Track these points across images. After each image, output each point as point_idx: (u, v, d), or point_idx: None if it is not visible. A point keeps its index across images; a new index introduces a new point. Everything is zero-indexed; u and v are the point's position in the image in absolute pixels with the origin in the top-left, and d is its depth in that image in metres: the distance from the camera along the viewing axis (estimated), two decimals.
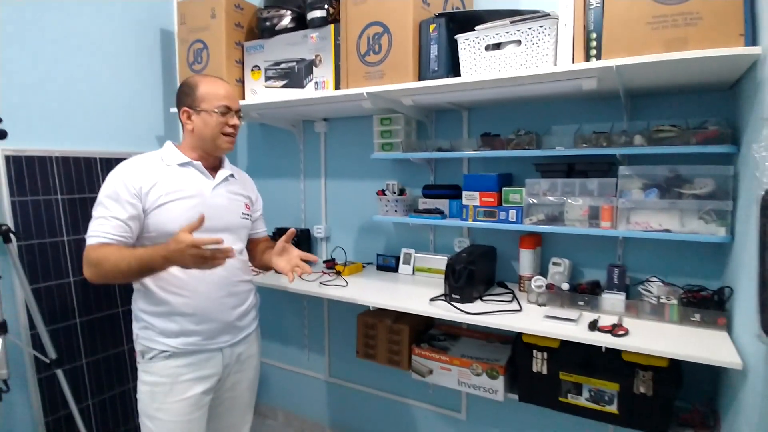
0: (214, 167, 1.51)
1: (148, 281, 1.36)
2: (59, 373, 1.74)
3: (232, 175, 1.54)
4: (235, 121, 1.44)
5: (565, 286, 1.62)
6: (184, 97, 1.44)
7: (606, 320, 1.44)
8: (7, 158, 1.77)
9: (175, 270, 1.34)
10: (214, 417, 1.55)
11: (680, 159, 1.46)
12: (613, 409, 1.49)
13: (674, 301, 1.45)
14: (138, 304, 1.42)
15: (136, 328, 1.42)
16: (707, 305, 1.40)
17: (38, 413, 1.83)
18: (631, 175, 1.51)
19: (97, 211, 1.31)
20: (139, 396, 1.42)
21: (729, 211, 1.34)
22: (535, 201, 1.66)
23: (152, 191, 1.34)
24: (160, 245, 1.23)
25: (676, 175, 1.45)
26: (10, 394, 1.70)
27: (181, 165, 1.42)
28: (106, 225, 1.28)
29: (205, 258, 1.17)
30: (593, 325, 1.39)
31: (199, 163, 1.44)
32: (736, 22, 1.11)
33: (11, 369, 1.67)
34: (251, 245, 1.66)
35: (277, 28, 1.97)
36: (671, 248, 1.61)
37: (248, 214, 1.56)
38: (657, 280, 1.58)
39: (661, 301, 1.47)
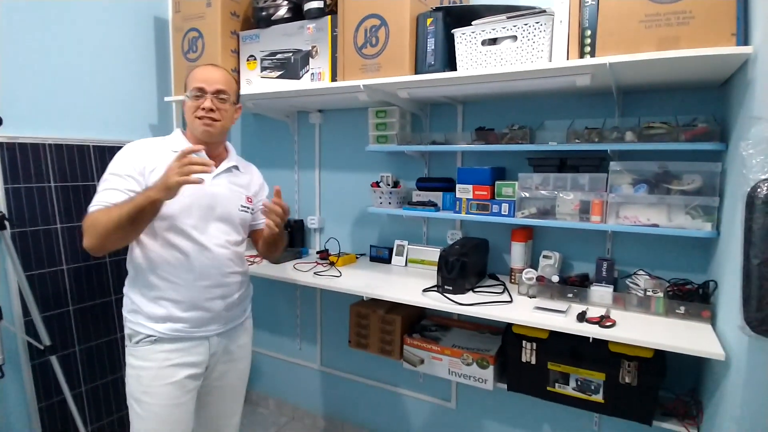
0: (217, 156, 1.50)
1: (141, 262, 1.38)
2: (53, 359, 1.75)
3: (236, 167, 1.54)
4: (206, 103, 1.39)
5: (555, 278, 1.65)
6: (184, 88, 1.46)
7: (594, 312, 1.48)
8: (1, 145, 1.76)
9: (166, 255, 1.37)
10: (204, 405, 1.57)
11: (670, 155, 1.49)
12: (599, 398, 1.53)
13: (660, 294, 1.49)
14: (128, 288, 1.44)
15: (125, 311, 1.44)
16: (692, 298, 1.44)
17: (32, 399, 1.83)
18: (621, 171, 1.55)
19: (100, 186, 1.34)
20: (126, 379, 1.43)
21: (715, 207, 1.38)
22: (528, 195, 1.69)
23: (153, 173, 1.35)
24: (149, 187, 1.27)
25: (665, 171, 1.49)
26: (5, 380, 1.71)
27: None
28: (106, 195, 1.31)
29: (186, 170, 1.18)
30: (581, 317, 1.43)
31: (202, 152, 1.43)
32: (728, 22, 1.13)
33: (6, 355, 1.68)
34: (255, 236, 1.67)
35: (273, 18, 1.96)
36: (659, 242, 1.65)
37: (248, 207, 1.55)
38: (644, 273, 1.62)
39: (648, 294, 1.52)
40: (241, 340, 1.59)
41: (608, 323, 1.38)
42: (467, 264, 1.67)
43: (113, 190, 1.31)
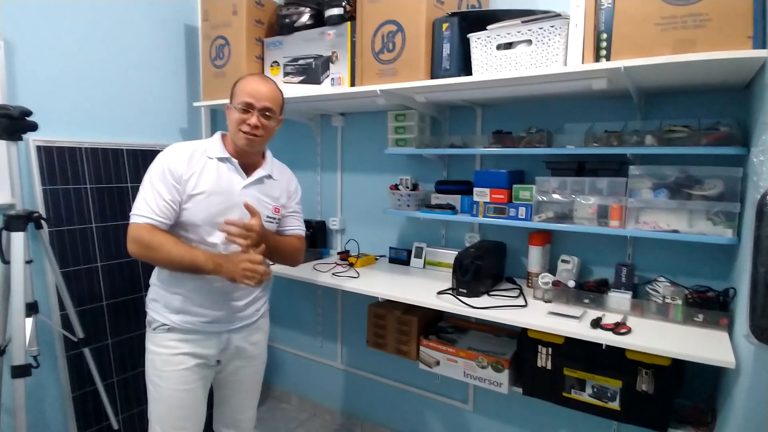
0: (252, 164, 1.53)
1: None
2: (86, 351, 1.85)
3: (269, 176, 1.56)
4: (252, 119, 1.41)
5: (571, 283, 1.64)
6: (231, 94, 1.49)
7: (610, 318, 1.46)
8: (39, 149, 1.88)
9: None
10: (221, 400, 1.65)
11: (691, 159, 1.45)
12: (615, 405, 1.51)
13: (679, 302, 1.46)
14: (153, 278, 1.52)
15: (148, 298, 1.53)
16: (711, 306, 1.40)
17: (66, 388, 1.95)
18: (641, 175, 1.52)
19: (145, 190, 1.39)
20: (145, 362, 1.52)
21: (736, 213, 1.34)
22: (545, 198, 1.67)
23: (190, 180, 1.40)
24: (218, 254, 1.40)
25: (686, 175, 1.45)
26: (41, 370, 1.82)
27: (220, 159, 1.46)
28: (152, 204, 1.36)
29: (250, 276, 1.36)
30: (596, 323, 1.41)
31: (236, 161, 1.47)
32: (744, 24, 1.10)
33: (42, 347, 1.79)
34: None
35: (296, 24, 2.02)
36: (680, 248, 1.61)
37: (274, 218, 1.57)
38: (665, 280, 1.59)
39: (666, 301, 1.48)
40: (254, 338, 1.64)
41: (623, 330, 1.36)
42: (482, 267, 1.67)
43: (160, 200, 1.37)
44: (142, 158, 2.22)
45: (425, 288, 1.80)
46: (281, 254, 1.61)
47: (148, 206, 1.36)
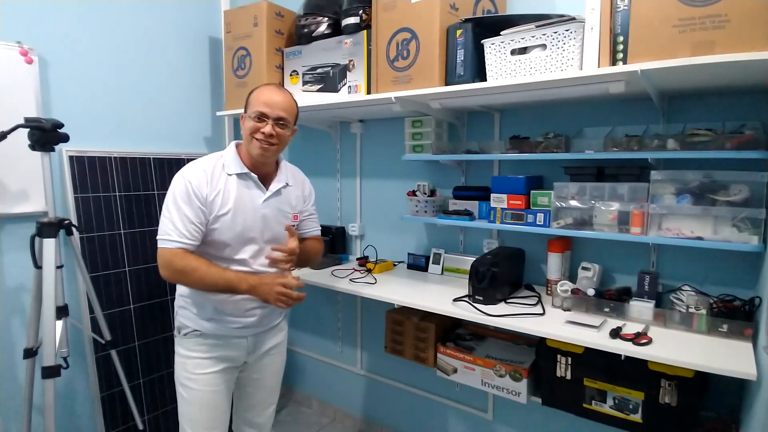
0: (268, 174, 1.56)
1: None
2: (113, 353, 1.92)
3: (286, 185, 1.59)
4: (266, 128, 1.42)
5: (591, 291, 1.60)
6: (245, 103, 1.52)
7: (631, 328, 1.42)
8: (71, 158, 1.97)
9: None
10: (242, 397, 1.70)
11: (715, 164, 1.41)
12: (637, 418, 1.47)
13: (703, 311, 1.40)
14: (182, 288, 1.56)
15: (177, 306, 1.58)
16: (737, 315, 1.35)
17: (95, 389, 2.02)
18: (663, 180, 1.47)
19: (170, 212, 1.39)
20: (175, 366, 1.58)
21: (762, 219, 1.28)
22: (563, 204, 1.64)
23: (215, 202, 1.43)
24: (251, 275, 1.44)
25: (710, 180, 1.40)
26: (71, 371, 1.90)
27: (239, 176, 1.49)
28: (181, 227, 1.38)
29: (284, 300, 1.41)
30: (615, 333, 1.38)
31: (255, 176, 1.50)
32: (764, 24, 1.06)
33: (72, 349, 1.87)
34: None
35: (314, 34, 2.05)
36: (705, 256, 1.55)
37: (293, 225, 1.60)
38: (690, 288, 1.53)
39: (690, 310, 1.43)
40: (276, 339, 1.70)
41: (643, 341, 1.32)
42: (498, 274, 1.65)
43: (188, 222, 1.39)
44: (168, 167, 2.29)
45: (442, 294, 1.79)
46: (306, 258, 1.68)
47: (177, 230, 1.38)
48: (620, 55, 1.32)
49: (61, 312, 1.72)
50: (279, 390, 1.79)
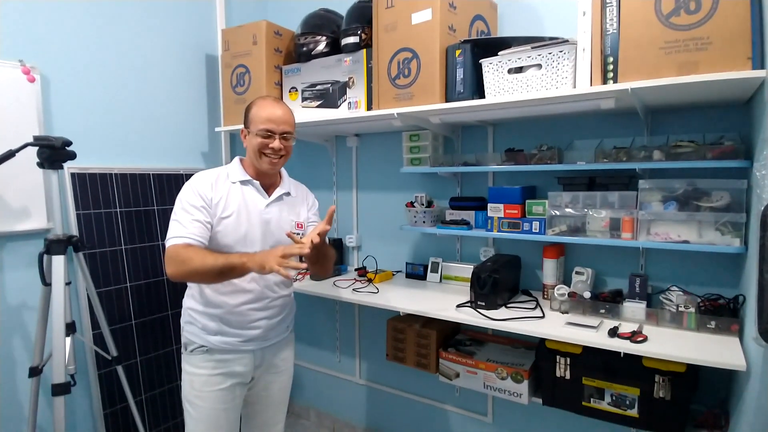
0: (271, 183, 1.62)
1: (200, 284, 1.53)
2: (119, 369, 1.92)
3: (288, 194, 1.64)
4: (274, 143, 1.49)
5: (587, 294, 1.69)
6: (244, 118, 1.57)
7: (626, 327, 1.51)
8: (73, 176, 1.98)
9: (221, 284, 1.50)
10: (251, 414, 1.71)
11: (698, 173, 1.53)
12: (633, 413, 1.55)
13: (692, 310, 1.51)
14: (188, 302, 1.59)
15: (183, 322, 1.59)
16: (723, 313, 1.46)
17: (98, 406, 2.01)
18: (650, 188, 1.58)
19: (177, 216, 1.45)
20: (182, 383, 1.58)
21: (743, 223, 1.40)
22: (558, 213, 1.74)
23: (218, 205, 1.49)
24: (248, 253, 1.41)
25: (693, 188, 1.52)
26: (74, 388, 1.89)
27: (243, 182, 1.55)
28: (189, 227, 1.42)
29: (284, 264, 1.30)
30: (613, 332, 1.47)
31: (257, 182, 1.56)
32: (743, 46, 1.18)
33: (77, 365, 1.86)
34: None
35: (313, 52, 2.12)
36: (691, 258, 1.66)
37: (297, 233, 1.62)
38: (677, 289, 1.64)
39: (680, 309, 1.54)
40: (283, 354, 1.71)
41: (640, 338, 1.41)
42: (499, 280, 1.73)
43: (196, 222, 1.43)
44: (167, 182, 2.32)
45: (444, 301, 1.86)
46: (324, 261, 1.63)
47: (183, 227, 1.42)
48: (610, 74, 1.42)
49: (69, 329, 1.72)
50: (286, 407, 1.80)
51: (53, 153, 1.60)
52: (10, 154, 1.57)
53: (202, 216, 1.45)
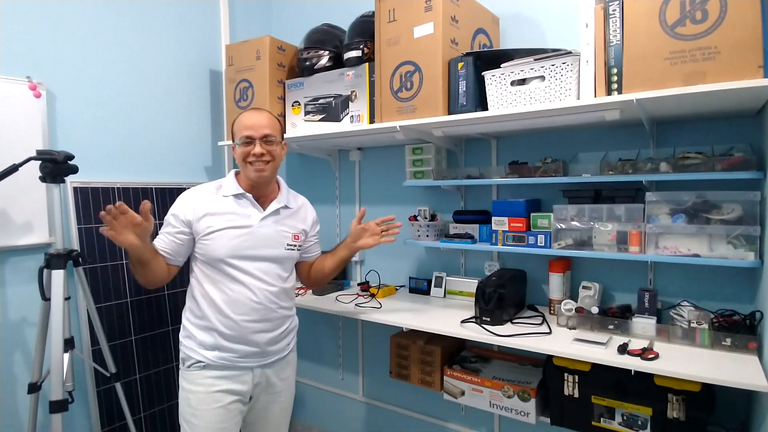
0: (267, 195, 1.60)
1: (197, 295, 1.52)
2: (118, 386, 1.88)
3: (285, 207, 1.62)
4: (256, 149, 1.49)
5: (595, 309, 1.65)
6: (231, 136, 1.59)
7: (636, 344, 1.46)
8: (75, 189, 1.98)
9: (216, 292, 1.50)
10: None
11: (707, 185, 1.49)
12: None
13: (705, 326, 1.46)
14: (186, 315, 1.57)
15: (181, 336, 1.56)
16: (738, 329, 1.41)
17: (96, 424, 1.97)
18: (658, 201, 1.55)
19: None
20: (179, 400, 1.55)
21: (757, 236, 1.36)
22: (563, 226, 1.71)
23: (202, 221, 1.49)
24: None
25: (703, 200, 1.48)
26: (72, 405, 1.85)
27: (236, 196, 1.54)
28: (161, 238, 1.53)
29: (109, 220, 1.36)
30: (623, 349, 1.42)
31: (250, 195, 1.55)
32: (755, 54, 1.15)
33: (75, 382, 1.83)
34: (303, 268, 1.76)
35: (315, 67, 2.13)
36: (703, 273, 1.62)
37: (295, 245, 1.63)
38: (689, 304, 1.59)
39: (692, 325, 1.49)
40: (284, 373, 1.66)
41: (651, 355, 1.37)
42: (504, 295, 1.70)
43: (162, 235, 1.53)
44: (169, 196, 2.31)
45: (448, 317, 1.82)
46: (329, 273, 1.76)
47: (159, 240, 1.53)
48: (615, 86, 1.40)
49: (68, 344, 1.70)
50: (287, 428, 1.75)
51: (55, 167, 1.60)
52: (14, 169, 1.56)
53: (174, 230, 1.51)
